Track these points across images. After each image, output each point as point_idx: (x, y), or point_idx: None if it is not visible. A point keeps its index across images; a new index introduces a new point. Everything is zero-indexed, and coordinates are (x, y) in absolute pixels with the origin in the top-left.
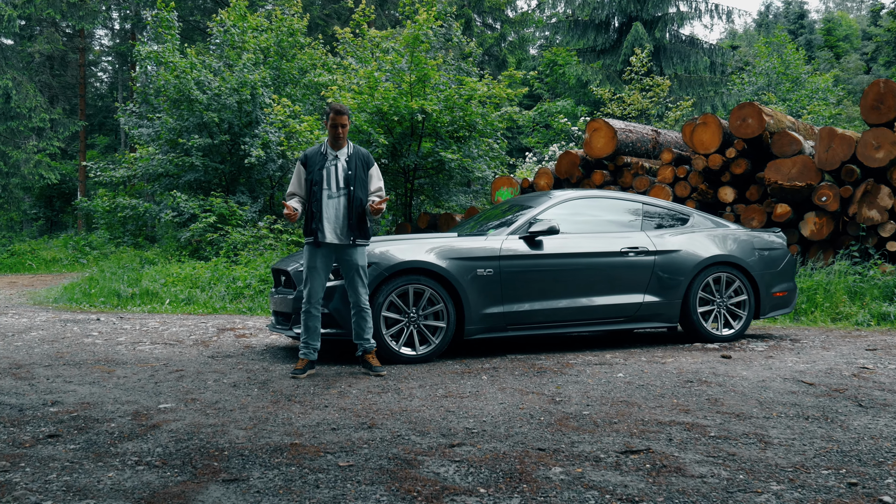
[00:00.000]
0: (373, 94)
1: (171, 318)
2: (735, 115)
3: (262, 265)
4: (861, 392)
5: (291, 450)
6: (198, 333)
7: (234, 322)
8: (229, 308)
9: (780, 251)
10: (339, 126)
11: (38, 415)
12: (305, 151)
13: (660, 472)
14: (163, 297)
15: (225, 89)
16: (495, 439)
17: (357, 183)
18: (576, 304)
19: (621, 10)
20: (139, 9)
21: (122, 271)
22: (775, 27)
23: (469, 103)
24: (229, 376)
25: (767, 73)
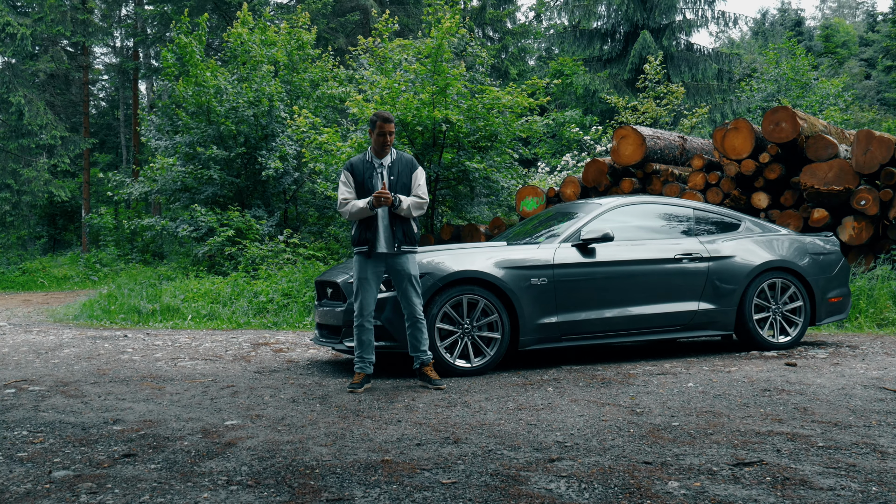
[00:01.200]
0: (395, 104)
1: (198, 333)
2: (768, 119)
3: (283, 279)
4: None
5: (384, 467)
6: (233, 349)
7: (264, 337)
8: (254, 323)
9: (833, 255)
10: (388, 134)
11: (103, 433)
12: (351, 160)
13: (785, 486)
14: (184, 312)
15: (242, 101)
16: (593, 453)
17: (400, 189)
18: (630, 313)
19: (627, 19)
20: (144, 24)
21: (140, 287)
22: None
23: (490, 112)
24: (284, 391)
25: (777, 79)
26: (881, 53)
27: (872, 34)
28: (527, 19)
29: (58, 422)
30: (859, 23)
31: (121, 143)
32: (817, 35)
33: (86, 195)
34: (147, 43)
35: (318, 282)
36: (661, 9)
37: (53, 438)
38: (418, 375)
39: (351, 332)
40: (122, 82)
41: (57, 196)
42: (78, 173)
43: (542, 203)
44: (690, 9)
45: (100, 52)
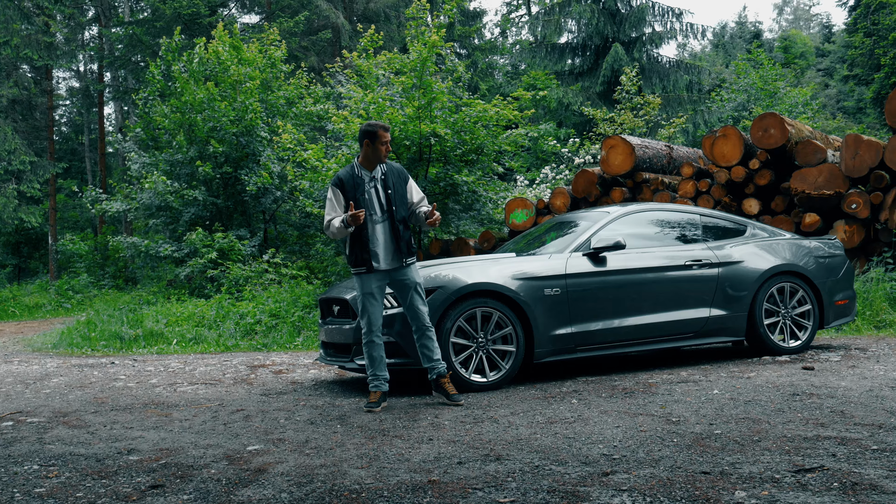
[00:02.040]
0: (381, 119)
1: (188, 358)
2: (756, 125)
3: (269, 300)
4: None
5: (433, 488)
6: (231, 372)
7: (257, 359)
8: (242, 345)
9: (839, 258)
10: (388, 143)
11: (120, 464)
12: (339, 175)
13: (856, 491)
14: (169, 337)
15: (225, 120)
16: (644, 465)
17: (398, 202)
18: (644, 322)
19: (598, 33)
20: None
21: (120, 313)
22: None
23: (476, 126)
24: (299, 413)
25: (746, 89)
26: (838, 63)
27: (829, 45)
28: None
29: (68, 454)
30: (815, 34)
31: (86, 168)
32: (776, 47)
33: (52, 221)
34: (116, 65)
35: (323, 299)
36: (632, 22)
37: (69, 472)
38: (436, 389)
39: (361, 350)
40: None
41: (28, 222)
42: (44, 200)
43: (531, 215)
44: (659, 22)
45: (61, 75)
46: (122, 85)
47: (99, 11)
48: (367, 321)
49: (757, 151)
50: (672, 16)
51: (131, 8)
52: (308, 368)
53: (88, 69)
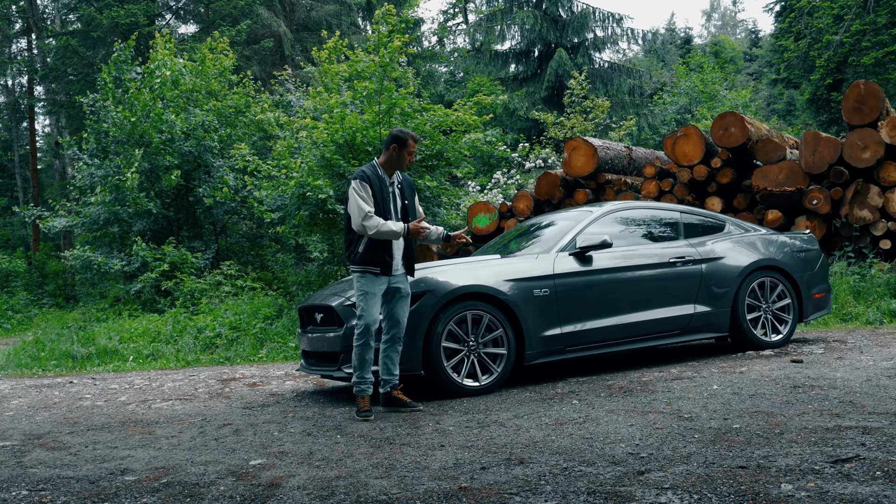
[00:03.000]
0: (342, 124)
1: (150, 374)
2: (717, 124)
3: (227, 313)
4: None
5: (468, 495)
6: (202, 387)
7: (224, 373)
8: (203, 360)
9: (814, 252)
10: (414, 154)
11: (118, 485)
12: (363, 170)
13: None
14: (124, 354)
15: (178, 132)
16: (676, 462)
17: (412, 213)
18: (632, 320)
19: (541, 39)
20: (45, 57)
21: (69, 331)
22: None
23: (436, 131)
24: (292, 425)
25: (688, 92)
26: (766, 67)
27: (756, 49)
28: (430, 44)
29: (55, 477)
30: (742, 39)
31: (17, 185)
32: (707, 52)
33: None
34: (49, 78)
35: (304, 308)
36: (574, 27)
37: (64, 496)
38: (388, 402)
39: (349, 358)
40: (15, 121)
41: None
42: None
43: (494, 219)
44: (600, 27)
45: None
46: (55, 98)
47: (31, 23)
48: (367, 321)
49: (718, 150)
50: (612, 21)
51: (62, 20)
52: (283, 380)
53: (17, 83)
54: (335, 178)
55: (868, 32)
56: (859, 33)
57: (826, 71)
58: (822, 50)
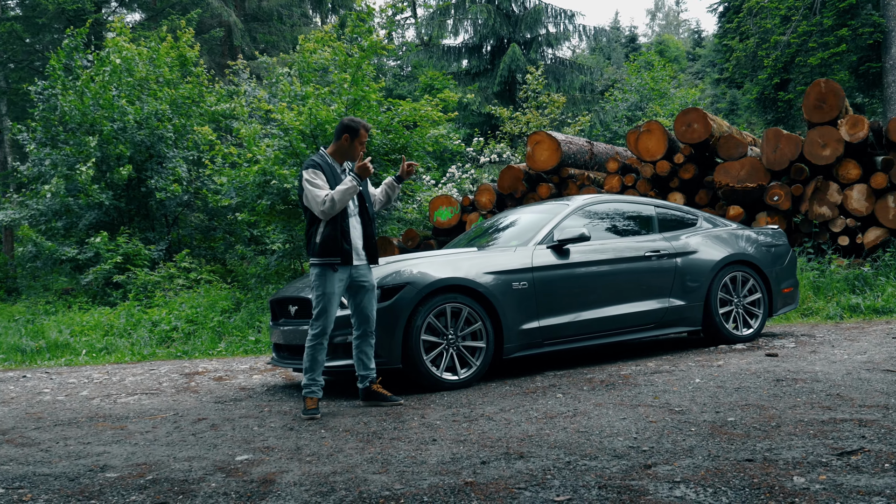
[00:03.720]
0: (312, 114)
1: (107, 368)
2: (680, 120)
3: (183, 306)
4: None
5: (475, 490)
6: (165, 381)
7: (184, 367)
8: (160, 353)
9: (783, 247)
10: (365, 144)
11: (101, 483)
12: (314, 159)
13: None
14: (76, 348)
15: (131, 121)
16: (680, 455)
17: (367, 199)
18: (608, 314)
19: (494, 34)
20: None
21: (17, 324)
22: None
23: (401, 125)
24: (270, 420)
25: (639, 89)
26: (708, 67)
27: (699, 49)
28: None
29: (31, 474)
30: (686, 39)
31: None
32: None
33: None
34: None
35: (276, 300)
36: (528, 23)
37: (46, 494)
38: (367, 396)
39: (329, 351)
40: None
41: None
42: None
43: (456, 212)
44: (553, 23)
45: None
46: None
47: None
48: (324, 323)
49: (681, 146)
50: (565, 17)
51: (2, 6)
52: (250, 374)
53: None
54: (299, 168)
55: (814, 34)
56: (806, 34)
57: (773, 71)
58: (769, 50)
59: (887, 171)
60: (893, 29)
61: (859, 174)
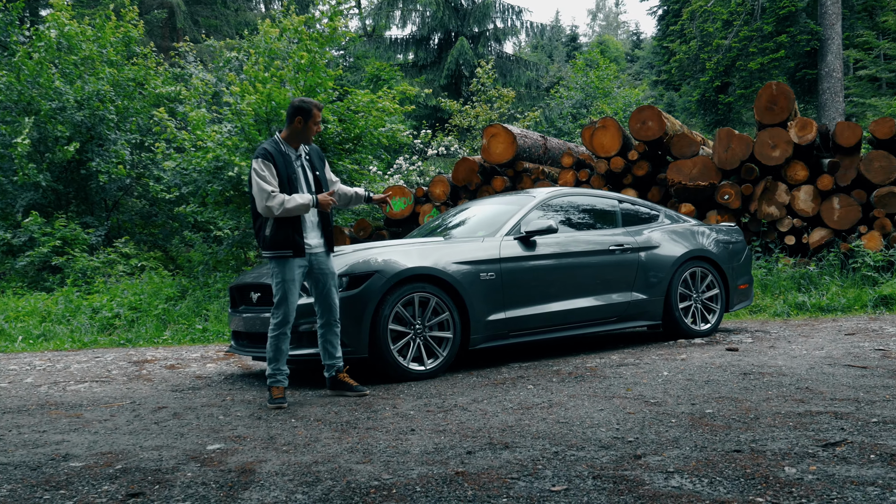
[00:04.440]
0: (269, 97)
1: (49, 355)
2: (635, 118)
3: (125, 292)
4: None
5: (467, 480)
6: (115, 369)
7: (131, 355)
8: (102, 341)
9: (740, 244)
10: (321, 122)
11: (67, 472)
12: (265, 148)
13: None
14: (12, 334)
15: (71, 101)
16: (666, 446)
17: (325, 185)
18: (573, 306)
19: (442, 26)
20: None
21: None
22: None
23: (357, 115)
24: (235, 409)
25: (584, 87)
26: (646, 68)
27: (638, 51)
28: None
29: None
30: (625, 40)
31: None
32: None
33: None
34: None
35: (236, 287)
36: (476, 17)
37: (9, 483)
38: (334, 385)
39: (293, 339)
40: None
41: None
42: None
43: (410, 203)
44: (501, 18)
45: None
46: None
47: None
48: (285, 311)
49: (635, 143)
50: (513, 13)
51: None
52: (203, 362)
53: None
54: (251, 154)
55: (755, 39)
56: (747, 39)
57: (715, 74)
58: (711, 53)
59: (833, 174)
60: (829, 37)
61: (807, 175)
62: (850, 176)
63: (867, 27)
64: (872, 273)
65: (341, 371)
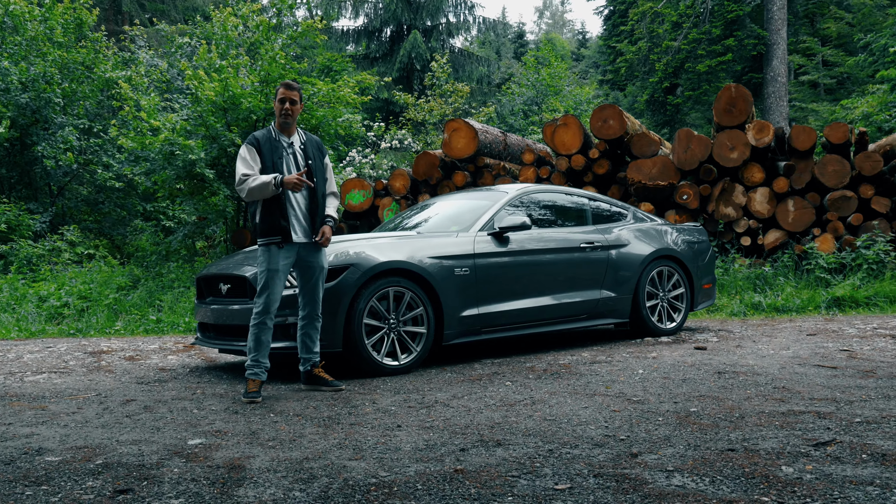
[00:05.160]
0: (226, 85)
1: None
2: (596, 116)
3: (74, 281)
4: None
5: (467, 477)
6: (71, 360)
7: (84, 345)
8: (50, 331)
9: (704, 244)
10: (287, 101)
11: (45, 467)
12: (255, 135)
13: (887, 462)
14: None
15: (14, 83)
16: (659, 444)
17: (318, 174)
18: (545, 303)
19: (395, 19)
20: None
21: None
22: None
23: (315, 105)
24: (208, 403)
25: (535, 84)
26: (592, 68)
27: (584, 50)
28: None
29: None
30: (570, 39)
31: None
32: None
33: None
34: None
35: (205, 277)
36: (429, 10)
37: None
38: (308, 380)
39: None
40: None
41: None
42: None
43: (369, 196)
44: (453, 12)
45: None
46: None
47: None
48: (266, 300)
49: (595, 141)
50: (465, 7)
51: None
52: (163, 354)
53: None
54: (209, 141)
55: (703, 41)
56: (696, 41)
57: (664, 75)
58: (661, 54)
59: (789, 177)
60: (775, 42)
61: (763, 178)
62: (805, 179)
63: (809, 34)
64: (825, 275)
65: (317, 366)
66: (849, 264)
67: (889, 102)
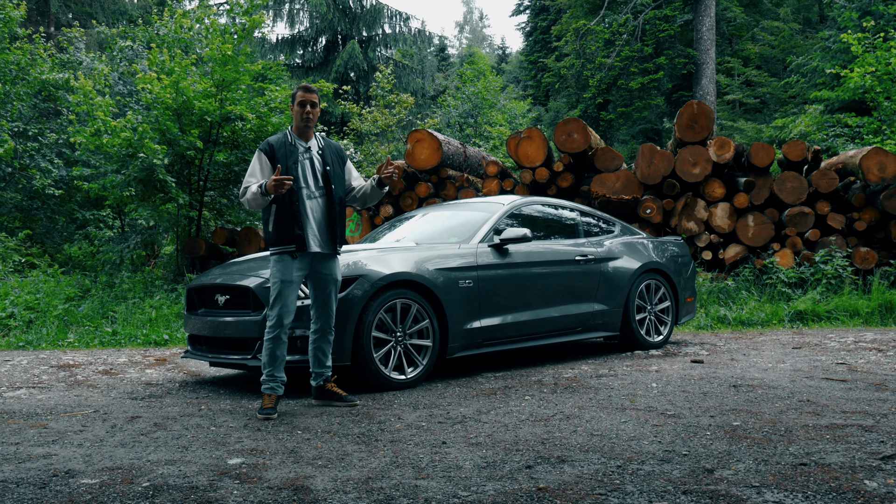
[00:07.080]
0: (178, 89)
1: None
2: (560, 129)
3: (17, 290)
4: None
5: (554, 496)
6: (42, 374)
7: (44, 358)
8: None
9: (687, 258)
10: (308, 104)
11: (83, 489)
12: (269, 140)
13: None
14: None
15: None
16: (726, 459)
17: (336, 180)
18: (543, 315)
19: (331, 28)
20: None
21: None
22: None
23: (273, 112)
24: (220, 419)
25: (470, 97)
26: (512, 83)
27: (504, 65)
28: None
29: None
30: (490, 54)
31: None
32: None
33: None
34: None
35: (197, 288)
36: (366, 21)
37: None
38: (321, 395)
39: None
40: None
41: None
42: None
43: None
44: (389, 24)
45: None
46: None
47: None
48: (280, 312)
49: (560, 155)
50: (400, 19)
51: None
52: (140, 367)
53: None
54: (165, 146)
55: (635, 59)
56: (628, 59)
57: (597, 91)
58: (594, 71)
59: (749, 192)
60: (704, 62)
61: (724, 193)
62: (764, 195)
63: (730, 54)
64: (786, 289)
65: (329, 380)
66: (808, 279)
67: (824, 122)
